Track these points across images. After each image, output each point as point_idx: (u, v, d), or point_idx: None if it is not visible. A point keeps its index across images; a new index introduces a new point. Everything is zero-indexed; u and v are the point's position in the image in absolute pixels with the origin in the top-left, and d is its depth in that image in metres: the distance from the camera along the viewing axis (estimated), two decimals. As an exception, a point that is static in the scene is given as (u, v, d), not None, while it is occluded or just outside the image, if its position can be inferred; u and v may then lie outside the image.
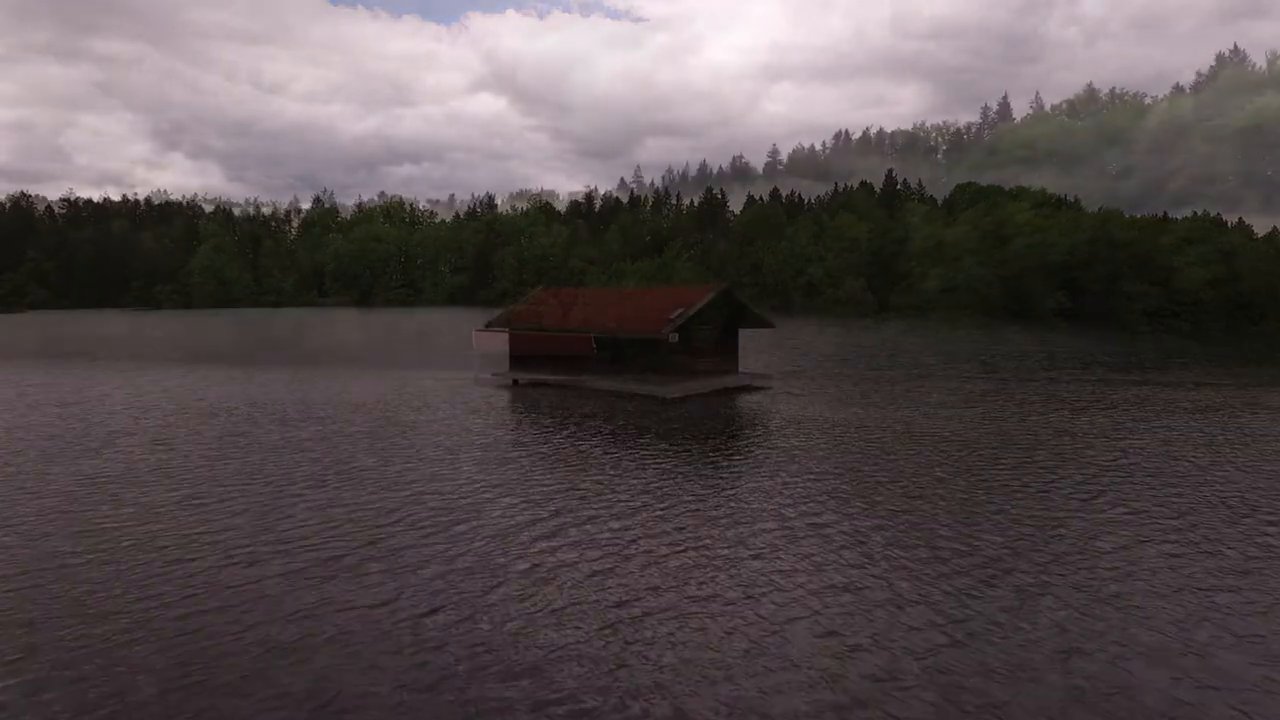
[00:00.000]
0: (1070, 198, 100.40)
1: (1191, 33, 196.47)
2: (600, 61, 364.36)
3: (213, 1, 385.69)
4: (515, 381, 32.11)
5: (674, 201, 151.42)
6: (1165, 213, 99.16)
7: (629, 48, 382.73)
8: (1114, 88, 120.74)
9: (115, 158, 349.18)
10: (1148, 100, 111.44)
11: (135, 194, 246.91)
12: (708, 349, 29.46)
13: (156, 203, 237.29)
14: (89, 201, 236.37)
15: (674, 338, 27.00)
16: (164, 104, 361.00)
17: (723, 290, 29.00)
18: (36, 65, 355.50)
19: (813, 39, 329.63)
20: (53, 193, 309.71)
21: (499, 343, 33.29)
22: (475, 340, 34.42)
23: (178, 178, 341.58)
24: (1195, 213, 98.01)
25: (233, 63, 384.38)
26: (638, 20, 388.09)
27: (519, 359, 32.72)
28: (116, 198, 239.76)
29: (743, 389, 29.45)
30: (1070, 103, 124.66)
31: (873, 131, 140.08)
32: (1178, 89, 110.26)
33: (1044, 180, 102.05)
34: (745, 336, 32.26)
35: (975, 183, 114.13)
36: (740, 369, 31.52)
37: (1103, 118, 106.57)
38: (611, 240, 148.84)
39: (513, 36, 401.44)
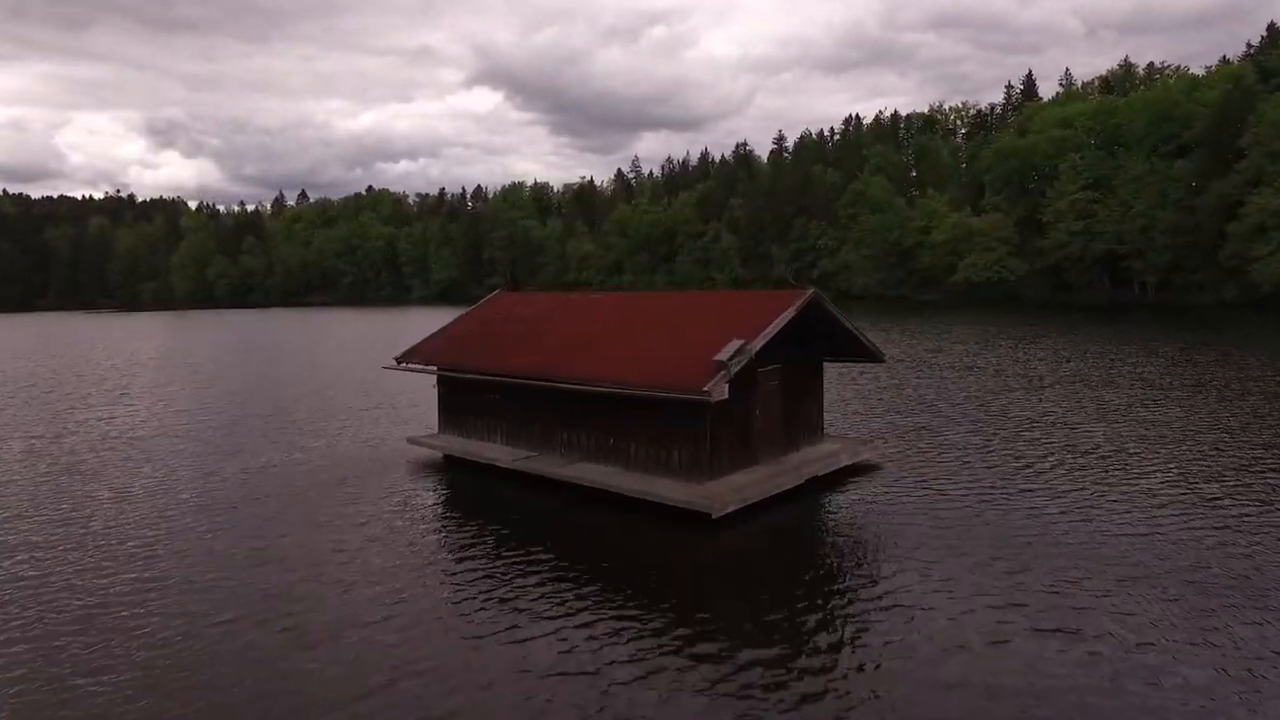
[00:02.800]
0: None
1: (1195, 19, 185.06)
2: (597, 55, 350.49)
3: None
4: (446, 458, 19.27)
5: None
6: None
7: (626, 42, 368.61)
8: (1153, 62, 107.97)
9: (110, 156, 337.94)
10: (1198, 71, 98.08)
11: (117, 190, 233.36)
12: (776, 403, 16.62)
13: (139, 200, 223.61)
14: (66, 198, 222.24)
15: (724, 392, 14.18)
16: (159, 101, 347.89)
17: (810, 301, 16.09)
18: (32, 63, 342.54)
19: (810, 32, 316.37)
20: (49, 192, 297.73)
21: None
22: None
23: (172, 177, 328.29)
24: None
25: (229, 59, 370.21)
26: (635, 13, 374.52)
27: (454, 413, 19.87)
28: (100, 195, 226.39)
29: (839, 475, 16.66)
30: (1104, 79, 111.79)
31: (886, 115, 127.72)
32: (1225, 61, 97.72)
33: (1086, 160, 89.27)
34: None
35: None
36: (824, 430, 18.76)
37: (1149, 92, 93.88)
38: (609, 232, 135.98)
39: (510, 30, 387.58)
